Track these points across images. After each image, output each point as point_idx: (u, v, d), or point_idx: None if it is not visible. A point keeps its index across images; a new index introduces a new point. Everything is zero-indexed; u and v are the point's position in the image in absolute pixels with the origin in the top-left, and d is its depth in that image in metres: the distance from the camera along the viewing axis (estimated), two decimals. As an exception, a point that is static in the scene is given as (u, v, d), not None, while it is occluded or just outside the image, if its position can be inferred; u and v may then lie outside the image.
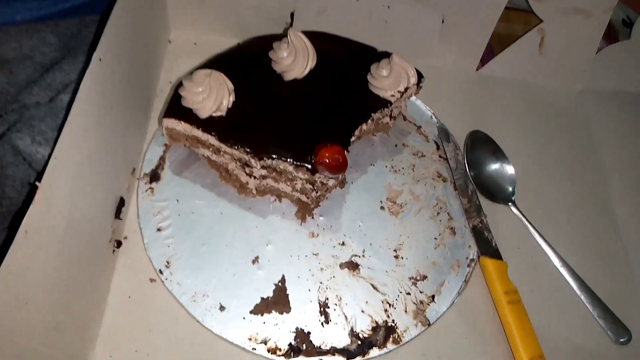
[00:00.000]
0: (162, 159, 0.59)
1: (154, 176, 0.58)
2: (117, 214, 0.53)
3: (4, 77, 0.53)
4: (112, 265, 0.52)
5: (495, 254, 0.58)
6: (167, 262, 0.53)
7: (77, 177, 0.43)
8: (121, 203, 0.53)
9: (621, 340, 0.57)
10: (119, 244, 0.53)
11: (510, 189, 0.64)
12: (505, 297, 0.55)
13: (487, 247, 0.59)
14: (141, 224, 0.55)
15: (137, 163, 0.58)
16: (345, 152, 0.52)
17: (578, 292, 0.59)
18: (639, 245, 0.64)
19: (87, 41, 0.60)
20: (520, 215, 0.63)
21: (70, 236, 0.43)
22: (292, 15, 0.68)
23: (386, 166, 0.63)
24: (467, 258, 0.58)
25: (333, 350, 0.51)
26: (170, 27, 0.70)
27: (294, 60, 0.57)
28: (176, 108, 0.54)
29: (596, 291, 0.59)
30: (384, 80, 0.57)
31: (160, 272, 0.52)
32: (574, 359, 0.55)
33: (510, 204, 0.63)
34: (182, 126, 0.54)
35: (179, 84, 0.54)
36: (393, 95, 0.58)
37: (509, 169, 0.65)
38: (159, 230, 0.54)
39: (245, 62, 0.59)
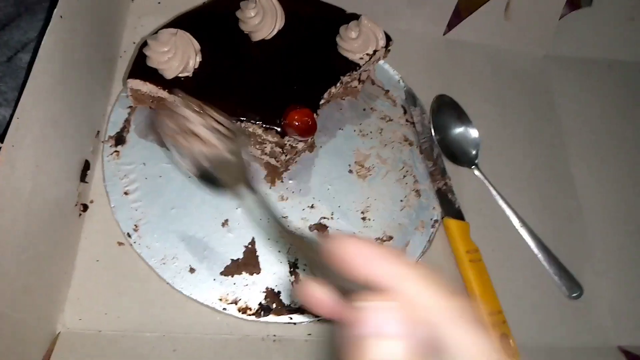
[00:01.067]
0: (127, 121, 0.58)
1: (119, 139, 0.57)
2: (83, 177, 0.52)
3: (-45, 34, 0.51)
4: (78, 229, 0.52)
5: (458, 215, 0.60)
6: (135, 226, 0.52)
7: (40, 139, 0.42)
8: (86, 166, 0.53)
9: (573, 295, 0.60)
10: (85, 207, 0.52)
11: (474, 152, 0.66)
12: (467, 256, 0.57)
13: (451, 209, 0.61)
14: (107, 188, 0.54)
15: (101, 126, 0.57)
16: (315, 115, 0.52)
17: (535, 250, 0.62)
18: (593, 206, 0.68)
19: (45, -3, 0.57)
20: (483, 178, 0.65)
21: (35, 199, 0.42)
22: (259, -26, 0.67)
23: (354, 130, 0.64)
24: (431, 219, 0.60)
25: (302, 309, 0.52)
26: (132, -16, 0.68)
27: (262, 20, 0.56)
28: (141, 68, 0.52)
29: (552, 249, 0.62)
30: (352, 43, 0.57)
31: (129, 235, 0.52)
32: (530, 314, 0.59)
33: (473, 166, 0.65)
34: (147, 87, 0.53)
35: (144, 44, 0.53)
36: (362, 58, 0.58)
37: (473, 133, 0.67)
38: (126, 194, 0.54)
39: (212, 22, 0.57)
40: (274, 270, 0.53)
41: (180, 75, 0.52)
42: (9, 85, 0.48)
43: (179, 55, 0.52)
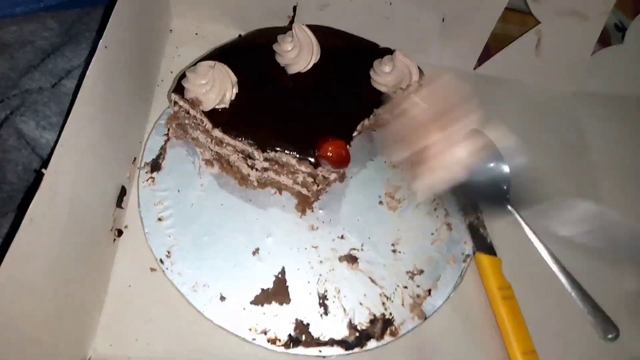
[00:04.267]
0: (163, 148, 0.59)
1: (155, 166, 0.58)
2: (119, 202, 0.52)
3: (4, 62, 0.53)
4: (112, 254, 0.52)
5: (490, 250, 0.60)
6: (168, 252, 0.53)
7: (81, 165, 0.43)
8: (122, 192, 0.53)
9: (609, 336, 0.58)
10: (119, 232, 0.53)
11: (505, 187, 0.65)
12: (499, 292, 0.56)
13: (483, 244, 0.60)
14: (142, 214, 0.54)
15: (138, 152, 0.58)
16: (348, 146, 0.53)
17: (569, 288, 0.60)
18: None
19: (88, 27, 0.59)
20: (515, 213, 0.64)
21: (73, 224, 0.42)
22: (294, 8, 0.68)
23: (385, 161, 0.64)
24: (462, 253, 0.59)
25: (332, 342, 0.51)
26: (172, 16, 0.70)
27: (299, 54, 0.57)
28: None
29: (586, 288, 0.60)
30: (386, 77, 0.58)
31: (161, 261, 0.52)
32: (564, 355, 0.57)
33: (505, 202, 0.64)
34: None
35: (182, 76, 0.54)
36: (395, 92, 0.59)
37: (505, 168, 0.66)
38: (159, 220, 0.54)
39: (249, 55, 0.59)
40: (303, 301, 0.53)
41: (217, 106, 0.53)
42: (53, 110, 0.50)
43: (216, 88, 0.53)
